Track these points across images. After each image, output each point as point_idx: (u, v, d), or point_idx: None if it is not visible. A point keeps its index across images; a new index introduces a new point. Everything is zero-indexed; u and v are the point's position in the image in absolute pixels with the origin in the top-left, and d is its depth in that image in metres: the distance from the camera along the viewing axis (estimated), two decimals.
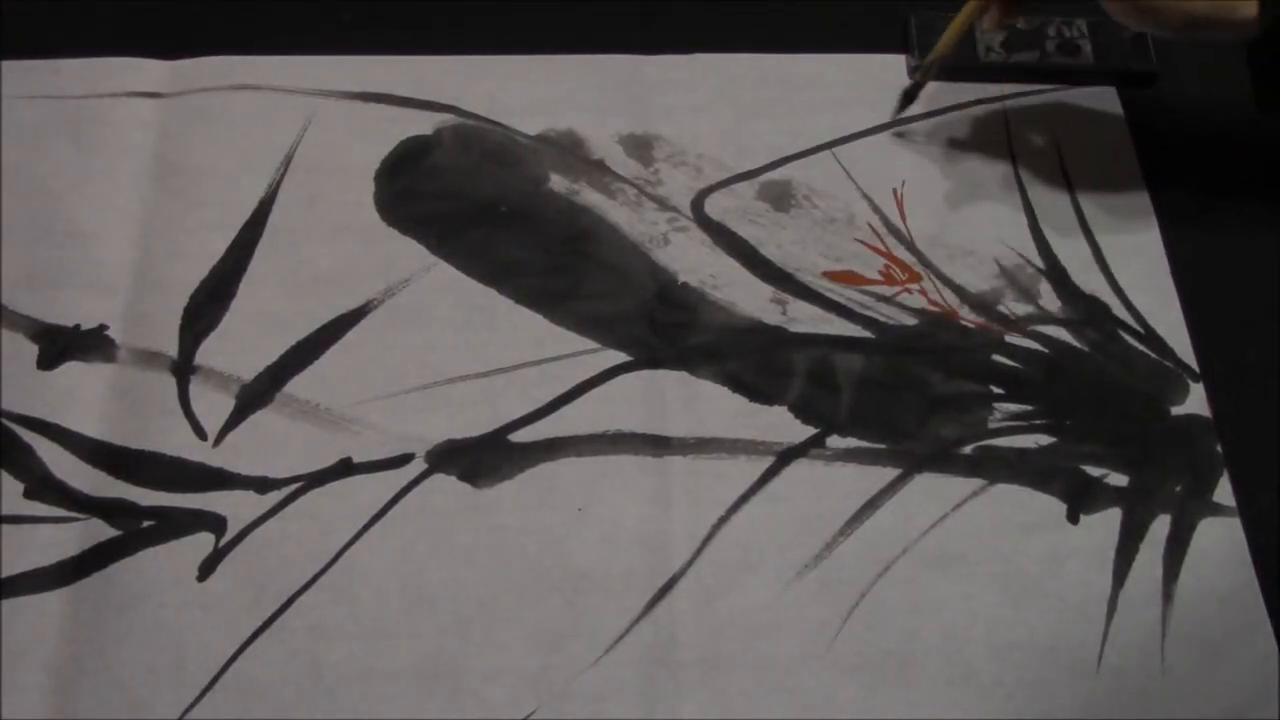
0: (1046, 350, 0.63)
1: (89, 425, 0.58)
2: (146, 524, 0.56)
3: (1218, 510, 0.58)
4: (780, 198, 0.66)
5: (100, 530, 0.55)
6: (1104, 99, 0.70)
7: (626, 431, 0.59)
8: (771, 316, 0.63)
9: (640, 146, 0.67)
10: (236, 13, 0.70)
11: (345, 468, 0.57)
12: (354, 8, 0.71)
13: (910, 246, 0.65)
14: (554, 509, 0.57)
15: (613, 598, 0.55)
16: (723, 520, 0.57)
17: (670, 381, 0.60)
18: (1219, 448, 0.60)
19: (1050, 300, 0.64)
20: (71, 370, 0.59)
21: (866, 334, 0.62)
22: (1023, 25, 0.71)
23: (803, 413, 0.60)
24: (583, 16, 0.72)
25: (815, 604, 0.55)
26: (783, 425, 0.60)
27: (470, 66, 0.69)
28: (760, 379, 0.61)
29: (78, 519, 0.55)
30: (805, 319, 0.63)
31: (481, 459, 0.58)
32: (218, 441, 0.58)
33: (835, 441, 0.59)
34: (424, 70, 0.69)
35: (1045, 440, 0.60)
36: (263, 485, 0.57)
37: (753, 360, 0.61)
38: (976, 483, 0.59)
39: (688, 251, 0.64)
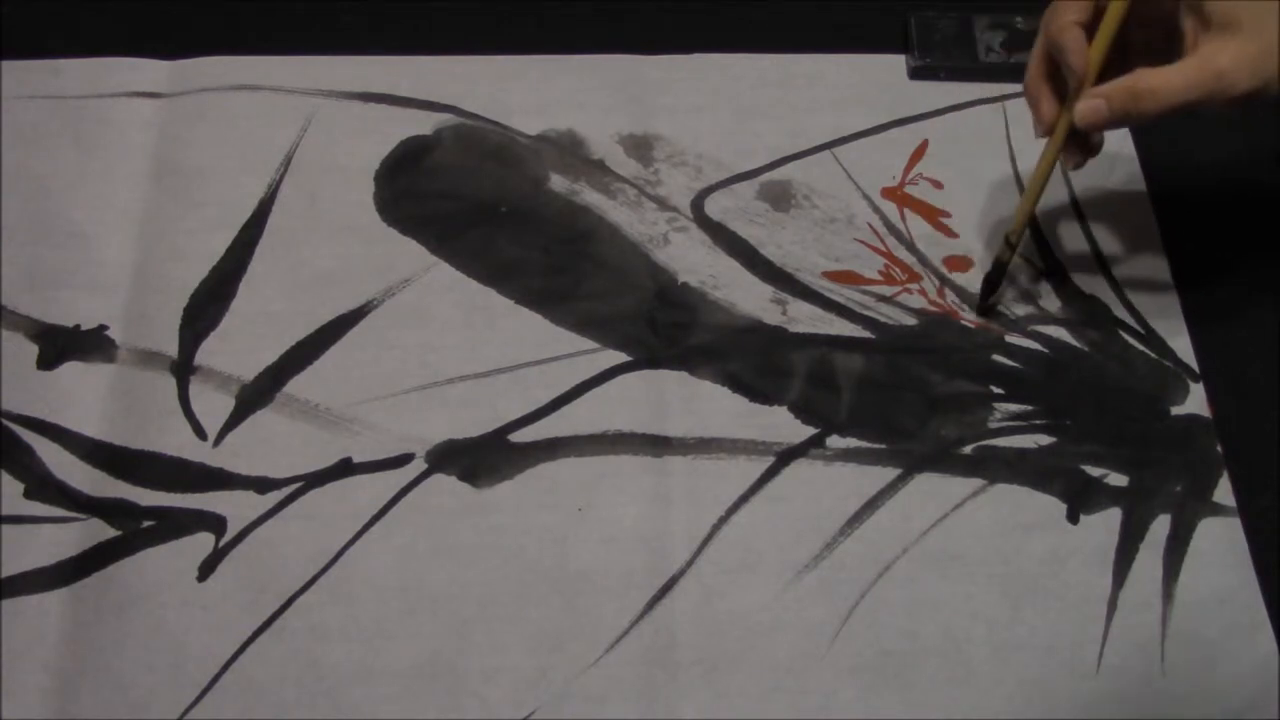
0: (1046, 350, 0.63)
1: (89, 425, 0.58)
2: (146, 524, 0.56)
3: (1218, 510, 0.58)
4: (780, 198, 0.66)
5: (100, 530, 0.55)
6: None
7: (626, 431, 0.59)
8: (771, 316, 0.63)
9: (640, 146, 0.67)
10: (236, 13, 0.71)
11: (345, 468, 0.57)
12: (354, 8, 0.71)
13: (910, 246, 0.65)
14: (554, 509, 0.57)
15: (613, 598, 0.55)
16: (723, 520, 0.57)
17: (670, 381, 0.60)
18: (1219, 448, 0.60)
19: (1050, 300, 0.64)
20: (71, 370, 0.59)
21: (866, 334, 0.62)
22: (1022, 25, 0.71)
23: (803, 413, 0.60)
24: (583, 16, 0.72)
25: (815, 604, 0.55)
26: (783, 425, 0.60)
27: (470, 66, 0.69)
28: (760, 379, 0.61)
29: (78, 519, 0.55)
30: (805, 319, 0.63)
31: (481, 459, 0.58)
32: (218, 441, 0.58)
33: (835, 441, 0.59)
34: (424, 70, 0.69)
35: (1045, 440, 0.60)
36: (263, 485, 0.57)
37: (753, 360, 0.61)
38: (976, 483, 0.59)
39: (688, 251, 0.64)
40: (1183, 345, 0.63)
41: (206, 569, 0.55)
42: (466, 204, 0.65)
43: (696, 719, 0.53)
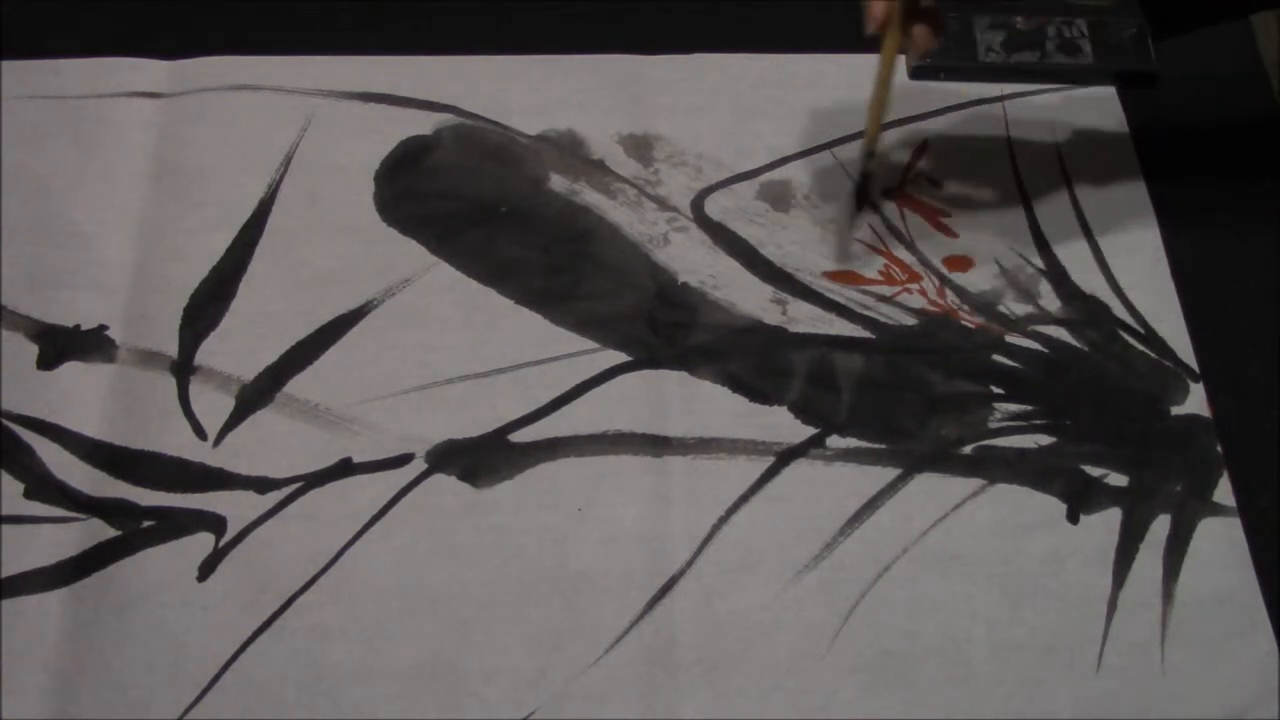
0: (1046, 350, 0.63)
1: (89, 425, 0.58)
2: (146, 524, 0.56)
3: (1218, 510, 0.58)
4: (780, 198, 0.66)
5: (100, 530, 0.55)
6: (1104, 99, 0.70)
7: (626, 431, 0.59)
8: (771, 316, 0.63)
9: (640, 146, 0.67)
10: (236, 13, 0.70)
11: (345, 468, 0.57)
12: (354, 8, 0.71)
13: (910, 246, 0.65)
14: (554, 509, 0.57)
15: (613, 598, 0.55)
16: (723, 520, 0.57)
17: (670, 381, 0.60)
18: (1219, 448, 0.60)
19: (1050, 300, 0.64)
20: (71, 370, 0.59)
21: (866, 334, 0.62)
22: (1022, 25, 0.71)
23: (803, 413, 0.60)
24: (583, 16, 0.72)
25: (815, 604, 0.55)
26: (783, 425, 0.60)
27: (470, 66, 0.69)
28: (760, 379, 0.61)
29: (78, 519, 0.55)
30: (805, 319, 0.63)
31: (481, 459, 0.58)
32: (218, 441, 0.58)
33: (835, 441, 0.59)
34: (424, 70, 0.69)
35: (1045, 440, 0.60)
36: (263, 485, 0.57)
37: (753, 360, 0.61)
38: (976, 483, 0.59)
39: (688, 251, 0.64)
40: (1183, 345, 0.63)
41: (206, 569, 0.55)
42: (466, 204, 0.65)
43: (696, 719, 0.53)
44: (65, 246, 0.62)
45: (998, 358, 0.62)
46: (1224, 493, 0.59)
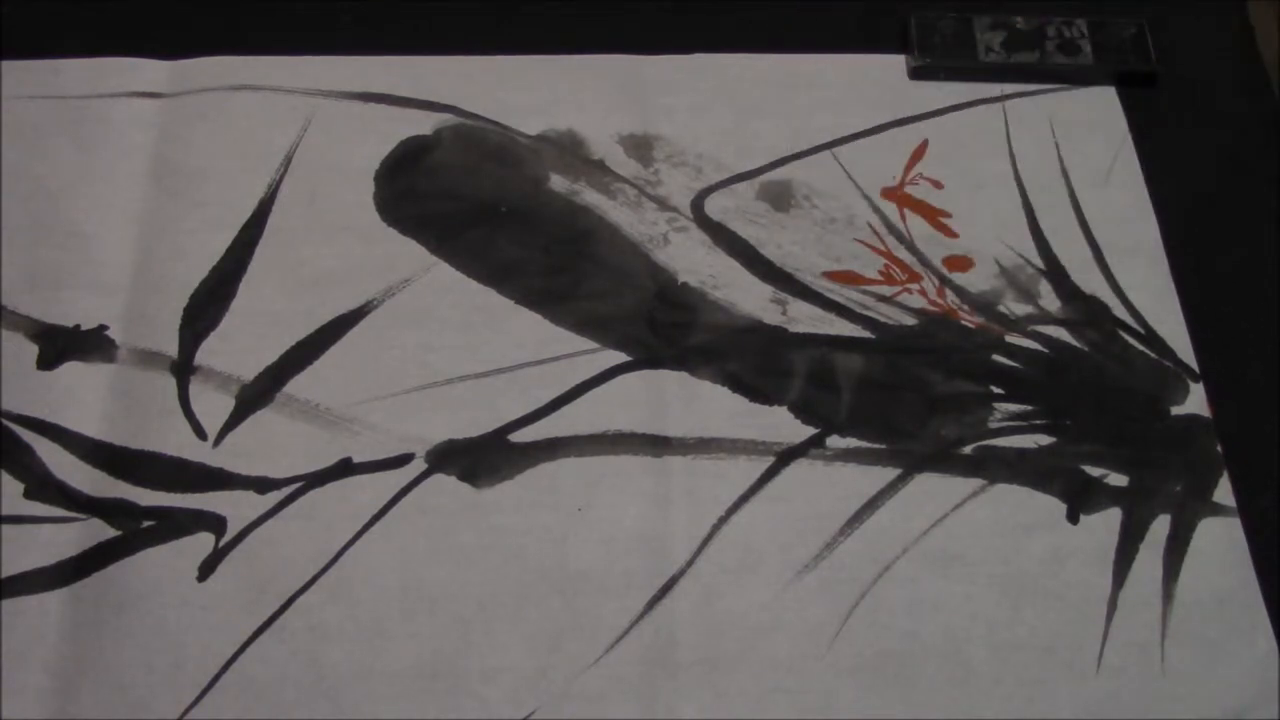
0: (1046, 350, 0.63)
1: (89, 425, 0.58)
2: (146, 524, 0.56)
3: (1218, 510, 0.58)
4: (780, 198, 0.66)
5: (100, 530, 0.55)
6: (1104, 99, 0.70)
7: (626, 431, 0.59)
8: (771, 316, 0.63)
9: (640, 146, 0.67)
10: (236, 13, 0.71)
11: (345, 468, 0.57)
12: (354, 8, 0.71)
13: (910, 246, 0.65)
14: (554, 509, 0.57)
15: (613, 598, 0.55)
16: (723, 520, 0.57)
17: (670, 381, 0.60)
18: (1219, 448, 0.60)
19: (1050, 300, 0.64)
20: (71, 370, 0.59)
21: (866, 334, 0.62)
22: (1022, 25, 0.71)
23: (803, 413, 0.60)
24: (583, 16, 0.72)
25: (815, 604, 0.55)
26: (783, 425, 0.60)
27: (470, 66, 0.69)
28: (760, 379, 0.61)
29: (78, 519, 0.55)
30: (805, 319, 0.63)
31: (481, 459, 0.58)
32: (218, 441, 0.58)
33: (835, 441, 0.59)
34: (424, 70, 0.69)
35: (1045, 440, 0.60)
36: (263, 485, 0.57)
37: (753, 360, 0.61)
38: (976, 483, 0.59)
39: (688, 251, 0.64)
40: (1183, 345, 0.63)
41: (206, 569, 0.55)
42: (466, 204, 0.65)
43: (696, 719, 0.53)
44: (65, 246, 0.62)
45: (998, 358, 0.62)
46: (1224, 493, 0.59)
